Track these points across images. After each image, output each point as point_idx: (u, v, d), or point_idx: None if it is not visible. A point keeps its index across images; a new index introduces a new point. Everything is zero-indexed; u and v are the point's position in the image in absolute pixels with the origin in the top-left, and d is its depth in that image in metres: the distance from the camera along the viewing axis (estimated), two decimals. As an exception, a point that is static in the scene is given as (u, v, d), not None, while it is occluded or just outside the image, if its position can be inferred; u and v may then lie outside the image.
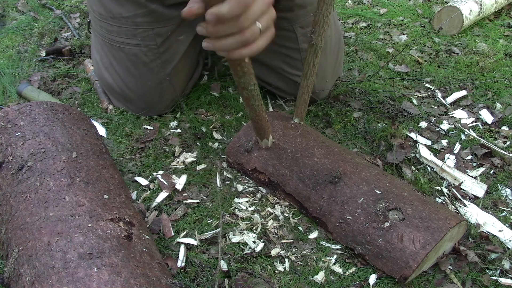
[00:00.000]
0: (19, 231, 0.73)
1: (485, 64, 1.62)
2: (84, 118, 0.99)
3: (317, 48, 0.93)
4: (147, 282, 0.67)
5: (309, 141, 1.03)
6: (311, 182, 0.96)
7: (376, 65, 1.59)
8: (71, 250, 0.67)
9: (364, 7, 2.09)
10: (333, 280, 0.87)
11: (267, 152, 1.03)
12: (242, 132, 1.09)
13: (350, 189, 0.92)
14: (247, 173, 1.07)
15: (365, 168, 0.97)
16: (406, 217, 0.86)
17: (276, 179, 1.01)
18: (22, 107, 0.92)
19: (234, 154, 1.09)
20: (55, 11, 1.84)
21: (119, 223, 0.75)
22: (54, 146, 0.84)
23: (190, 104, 1.32)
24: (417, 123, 1.32)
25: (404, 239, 0.84)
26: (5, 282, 0.71)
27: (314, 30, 0.91)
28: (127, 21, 1.10)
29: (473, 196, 1.09)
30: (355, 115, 1.32)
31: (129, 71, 1.18)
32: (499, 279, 0.89)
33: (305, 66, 0.97)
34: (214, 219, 0.98)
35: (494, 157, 1.20)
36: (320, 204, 0.95)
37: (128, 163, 1.11)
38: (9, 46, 1.57)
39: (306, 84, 1.00)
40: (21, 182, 0.79)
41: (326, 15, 0.88)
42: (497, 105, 1.41)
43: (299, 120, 1.09)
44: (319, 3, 0.87)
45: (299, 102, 1.05)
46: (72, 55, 1.54)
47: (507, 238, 0.97)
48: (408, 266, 0.83)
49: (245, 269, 0.88)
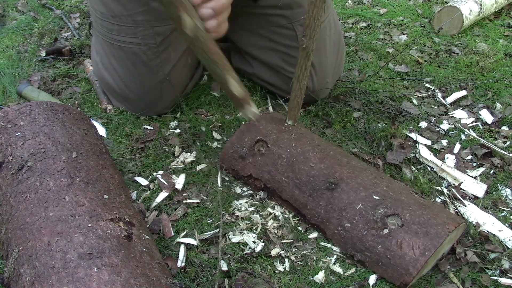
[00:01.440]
0: (19, 231, 0.73)
1: (485, 64, 1.62)
2: (84, 118, 0.99)
3: (309, 51, 0.93)
4: (147, 282, 0.67)
5: (304, 145, 1.02)
6: (307, 188, 0.96)
7: (376, 65, 1.59)
8: (71, 250, 0.67)
9: (364, 7, 2.09)
10: (333, 280, 0.87)
11: (262, 158, 1.03)
12: (235, 138, 1.07)
13: (347, 195, 0.92)
14: (242, 179, 1.07)
15: (362, 172, 0.96)
16: (405, 223, 0.86)
17: (272, 185, 1.01)
18: (22, 107, 0.92)
19: (228, 161, 1.08)
20: (55, 11, 1.84)
21: (119, 223, 0.75)
22: (54, 146, 0.84)
23: (190, 104, 1.32)
24: (417, 123, 1.32)
25: (403, 245, 0.84)
26: (5, 282, 0.71)
27: (306, 33, 0.90)
28: (127, 19, 1.10)
29: (473, 196, 1.09)
30: (355, 115, 1.32)
31: (128, 70, 1.18)
32: (498, 279, 0.89)
33: (297, 69, 0.96)
34: (214, 219, 0.98)
35: (494, 157, 1.20)
36: (317, 211, 0.94)
37: (128, 163, 1.11)
38: (9, 46, 1.57)
39: (299, 87, 0.99)
40: (21, 182, 0.79)
41: (317, 18, 0.88)
42: (497, 105, 1.41)
43: (292, 122, 1.08)
44: (309, 6, 0.86)
45: (292, 105, 1.04)
46: (72, 55, 1.54)
47: (506, 237, 0.97)
48: (408, 273, 0.83)
49: (245, 269, 0.88)
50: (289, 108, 1.05)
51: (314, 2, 0.86)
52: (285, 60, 1.25)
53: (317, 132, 1.26)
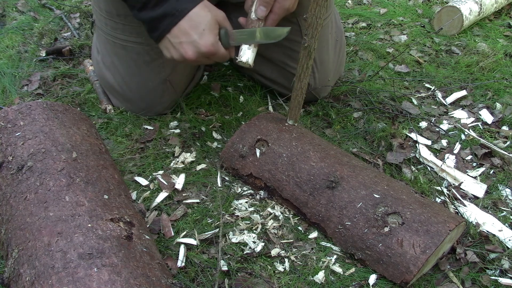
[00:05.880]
0: (19, 231, 0.73)
1: (485, 64, 1.62)
2: (84, 118, 0.99)
3: (310, 50, 0.92)
4: (147, 282, 0.67)
5: (305, 144, 1.02)
6: (308, 187, 0.96)
7: (376, 65, 1.59)
8: (71, 250, 0.67)
9: (364, 7, 2.09)
10: (333, 280, 0.87)
11: (263, 157, 1.03)
12: (235, 137, 1.08)
13: (348, 194, 0.92)
14: (243, 178, 1.07)
15: (362, 171, 0.96)
16: (405, 221, 0.86)
17: (273, 184, 1.01)
18: (22, 107, 0.92)
19: (228, 160, 1.08)
20: (55, 11, 1.84)
21: (119, 223, 0.75)
22: (54, 146, 0.84)
23: (190, 104, 1.32)
24: (417, 123, 1.32)
25: (404, 244, 0.84)
26: (5, 282, 0.71)
27: (307, 32, 0.90)
28: (132, 19, 1.10)
29: (473, 196, 1.09)
30: (355, 115, 1.32)
31: (130, 69, 1.18)
32: (498, 279, 0.89)
33: (299, 68, 0.97)
34: (214, 219, 0.98)
35: (494, 157, 1.20)
36: (318, 210, 0.94)
37: (128, 163, 1.11)
38: (9, 46, 1.57)
39: (300, 86, 1.00)
40: (21, 182, 0.79)
41: (319, 17, 0.88)
42: (497, 105, 1.41)
43: (293, 122, 1.08)
44: (311, 5, 0.86)
45: (293, 104, 1.04)
46: (72, 55, 1.54)
47: (506, 237, 0.97)
48: (409, 271, 0.83)
49: (245, 269, 0.88)
50: (290, 107, 1.05)
51: (316, 1, 0.86)
52: (289, 55, 1.25)
53: (317, 132, 1.26)
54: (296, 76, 0.98)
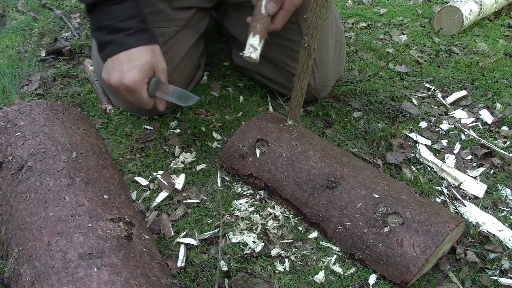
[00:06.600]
0: (19, 231, 0.73)
1: (485, 64, 1.62)
2: (84, 118, 0.99)
3: (310, 50, 0.92)
4: (147, 282, 0.67)
5: (305, 144, 1.02)
6: (308, 187, 0.96)
7: (376, 65, 1.59)
8: (71, 250, 0.67)
9: (364, 7, 2.09)
10: (333, 280, 0.87)
11: (263, 157, 1.03)
12: (235, 137, 1.08)
13: (348, 194, 0.92)
14: (243, 178, 1.07)
15: (362, 171, 0.96)
16: (405, 221, 0.86)
17: (273, 184, 1.01)
18: (22, 107, 0.92)
19: (228, 160, 1.08)
20: (55, 11, 1.84)
21: (119, 223, 0.75)
22: (54, 146, 0.84)
23: (190, 104, 1.32)
24: (417, 123, 1.32)
25: (404, 244, 0.84)
26: (5, 282, 0.71)
27: (307, 32, 0.90)
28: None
29: (473, 196, 1.09)
30: (355, 115, 1.32)
31: None
32: (498, 279, 0.89)
33: (299, 68, 0.96)
34: (214, 219, 0.98)
35: (494, 157, 1.20)
36: (318, 210, 0.94)
37: (128, 163, 1.11)
38: (9, 46, 1.57)
39: (300, 86, 1.00)
40: (21, 182, 0.79)
41: (319, 17, 0.88)
42: (497, 105, 1.41)
43: (293, 122, 1.08)
44: (311, 5, 0.86)
45: (293, 104, 1.04)
46: (72, 55, 1.54)
47: (506, 237, 0.97)
48: (409, 271, 0.83)
49: (245, 269, 0.88)
50: (290, 108, 1.05)
51: (316, 1, 0.86)
52: (289, 55, 1.25)
53: (317, 132, 1.26)
54: (296, 76, 0.98)
